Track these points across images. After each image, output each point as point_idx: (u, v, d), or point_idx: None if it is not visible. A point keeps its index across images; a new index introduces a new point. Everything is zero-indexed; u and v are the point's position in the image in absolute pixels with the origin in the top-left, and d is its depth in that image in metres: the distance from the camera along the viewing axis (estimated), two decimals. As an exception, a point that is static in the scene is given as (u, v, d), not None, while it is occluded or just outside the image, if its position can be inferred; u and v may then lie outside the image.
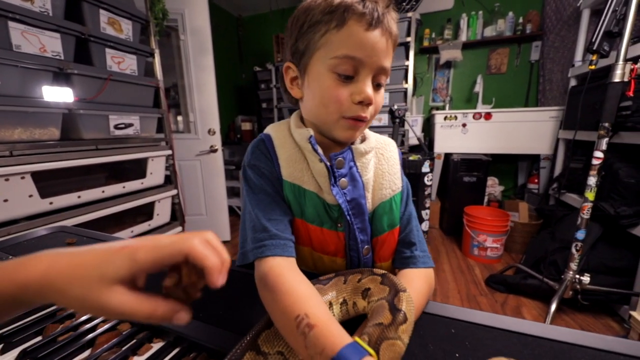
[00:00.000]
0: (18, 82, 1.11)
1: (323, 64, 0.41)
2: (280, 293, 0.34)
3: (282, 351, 0.31)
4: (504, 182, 2.75)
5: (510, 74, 2.65)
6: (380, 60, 0.40)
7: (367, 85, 0.41)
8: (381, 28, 0.39)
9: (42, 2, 1.17)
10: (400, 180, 0.51)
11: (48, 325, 0.44)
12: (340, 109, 0.42)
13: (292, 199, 0.47)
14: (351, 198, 0.46)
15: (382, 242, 0.50)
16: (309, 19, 0.41)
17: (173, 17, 2.01)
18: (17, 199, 1.12)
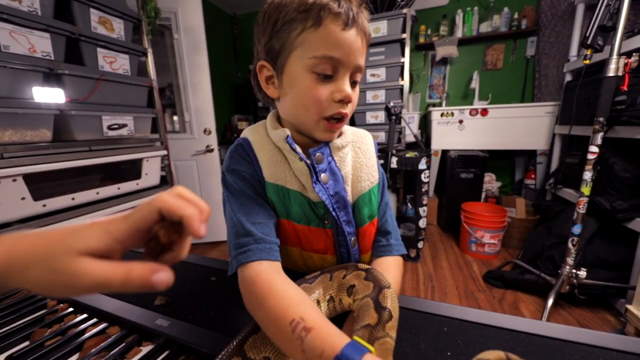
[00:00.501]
0: (7, 83, 1.10)
1: (301, 64, 0.40)
2: (272, 298, 0.33)
3: (269, 357, 0.30)
4: (501, 178, 2.75)
5: (506, 70, 2.65)
6: (356, 59, 0.41)
7: (346, 84, 0.41)
8: (356, 27, 0.40)
9: (31, 1, 1.15)
10: (377, 172, 0.52)
11: (36, 330, 0.43)
12: (320, 109, 0.42)
13: (276, 200, 0.46)
14: (334, 192, 0.47)
15: (363, 233, 0.51)
16: (282, 16, 0.40)
17: (166, 15, 1.99)
18: (9, 202, 1.11)
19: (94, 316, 0.47)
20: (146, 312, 0.45)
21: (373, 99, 2.28)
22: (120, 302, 0.48)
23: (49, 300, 0.51)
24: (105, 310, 0.46)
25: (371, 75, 2.23)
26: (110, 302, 0.48)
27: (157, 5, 1.70)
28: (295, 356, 0.30)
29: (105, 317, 0.46)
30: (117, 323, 0.45)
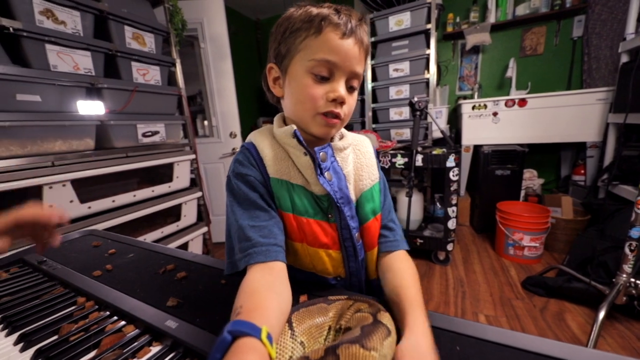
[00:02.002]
0: (56, 99, 1.23)
1: (302, 66, 0.45)
2: (240, 291, 0.37)
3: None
4: (544, 174, 2.50)
5: (548, 55, 2.39)
6: (352, 65, 0.45)
7: (341, 86, 0.45)
8: (354, 37, 0.44)
9: (74, 23, 1.28)
10: (377, 171, 0.56)
11: (64, 325, 0.47)
12: (315, 106, 0.45)
13: (281, 194, 0.48)
14: (338, 188, 0.50)
15: (367, 229, 0.53)
16: (290, 25, 0.46)
17: (193, 26, 2.09)
18: (60, 205, 1.24)
19: (115, 314, 0.50)
20: (158, 313, 0.47)
21: (396, 94, 2.20)
22: (137, 302, 0.51)
23: (79, 297, 0.56)
24: (124, 309, 0.49)
25: (394, 71, 2.15)
26: (129, 301, 0.52)
27: (183, 17, 1.79)
28: None
29: (124, 316, 0.49)
30: (133, 322, 0.48)
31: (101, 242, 0.83)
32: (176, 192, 1.80)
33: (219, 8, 2.13)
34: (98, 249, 0.78)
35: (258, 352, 0.26)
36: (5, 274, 0.69)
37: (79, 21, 1.29)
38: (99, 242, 0.82)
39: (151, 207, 1.62)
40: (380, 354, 0.29)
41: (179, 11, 1.77)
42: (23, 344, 0.44)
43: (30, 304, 0.55)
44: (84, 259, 0.73)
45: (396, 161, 1.86)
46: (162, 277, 0.61)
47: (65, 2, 1.23)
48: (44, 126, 1.19)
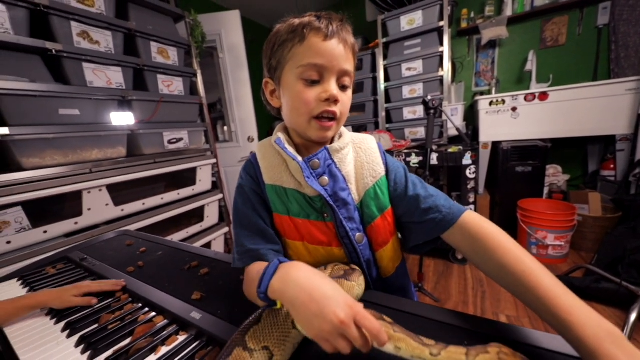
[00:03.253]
0: (93, 112, 1.36)
1: (292, 74, 0.47)
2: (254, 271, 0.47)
3: (268, 346, 0.33)
4: (569, 170, 2.38)
5: (571, 45, 2.28)
6: (340, 64, 0.46)
7: (332, 85, 0.47)
8: (337, 38, 0.46)
9: (107, 42, 1.41)
10: (380, 166, 0.55)
11: (103, 315, 0.54)
12: (309, 109, 0.47)
13: (275, 199, 0.53)
14: (332, 192, 0.51)
15: (376, 228, 0.53)
16: (277, 40, 0.49)
17: (212, 38, 2.20)
18: (97, 208, 1.37)
19: (146, 306, 0.57)
20: (184, 305, 0.53)
21: (410, 93, 2.19)
22: (166, 295, 0.57)
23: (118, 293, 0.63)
24: (154, 301, 0.56)
25: (407, 70, 2.14)
26: (158, 294, 0.58)
27: (203, 30, 1.90)
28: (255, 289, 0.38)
29: (154, 307, 0.55)
30: (162, 313, 0.54)
31: (133, 241, 0.91)
32: (199, 195, 1.91)
33: (236, 20, 2.23)
34: (131, 248, 0.86)
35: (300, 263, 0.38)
36: (53, 269, 0.78)
37: (111, 40, 1.42)
38: (131, 241, 0.91)
39: (177, 209, 1.73)
40: (357, 284, 0.46)
41: (199, 25, 1.88)
42: (69, 331, 0.51)
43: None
44: (118, 256, 0.81)
45: (410, 160, 1.86)
46: (187, 273, 0.67)
47: (99, 23, 1.35)
48: (82, 137, 1.32)
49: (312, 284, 0.33)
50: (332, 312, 0.30)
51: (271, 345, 0.33)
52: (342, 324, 0.29)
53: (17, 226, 1.13)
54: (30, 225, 1.16)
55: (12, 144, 1.12)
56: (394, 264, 0.58)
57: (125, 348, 0.44)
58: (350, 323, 0.30)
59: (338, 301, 0.31)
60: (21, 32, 1.15)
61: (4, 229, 1.10)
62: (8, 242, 1.10)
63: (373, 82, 2.40)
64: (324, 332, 0.30)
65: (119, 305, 0.57)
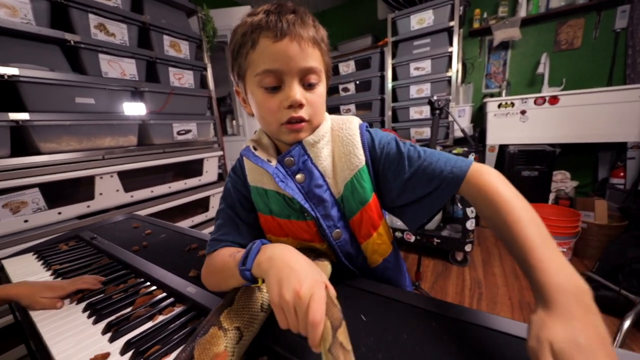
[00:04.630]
0: (107, 101, 1.42)
1: (252, 82, 0.45)
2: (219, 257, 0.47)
3: (239, 326, 0.36)
4: (578, 176, 2.34)
5: (586, 49, 2.23)
6: (298, 64, 0.42)
7: (293, 90, 0.43)
8: (289, 36, 0.41)
9: (122, 35, 1.46)
10: (358, 157, 0.49)
11: (109, 287, 0.59)
12: (275, 118, 0.45)
13: (258, 200, 0.53)
14: (307, 190, 0.49)
15: (359, 221, 0.51)
16: (235, 42, 0.45)
17: (223, 33, 2.24)
18: (108, 193, 1.44)
19: (148, 280, 0.61)
20: (181, 281, 0.57)
21: (417, 93, 2.19)
22: (165, 272, 0.62)
23: (120, 267, 0.68)
24: (155, 277, 0.60)
25: (415, 69, 2.14)
26: (159, 271, 0.62)
27: (214, 25, 1.94)
28: (232, 271, 0.40)
29: (154, 282, 0.60)
30: (161, 287, 0.58)
31: (140, 224, 0.97)
32: (205, 185, 1.97)
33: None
34: (137, 230, 0.92)
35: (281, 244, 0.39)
36: (66, 246, 0.84)
37: (126, 33, 1.48)
38: (138, 224, 0.96)
39: (183, 198, 1.79)
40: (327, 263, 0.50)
41: (211, 19, 1.92)
42: (77, 300, 0.56)
43: (84, 270, 0.68)
44: (125, 237, 0.86)
45: (414, 160, 1.86)
46: (187, 253, 0.72)
47: (115, 16, 1.41)
48: (96, 125, 1.38)
49: (291, 257, 0.35)
50: (296, 282, 0.31)
51: (242, 326, 0.37)
52: (297, 296, 0.30)
53: (34, 206, 1.20)
54: (46, 206, 1.23)
55: (31, 129, 1.19)
56: (381, 256, 0.56)
57: (126, 315, 0.49)
58: (305, 299, 0.29)
59: (306, 275, 0.32)
60: (42, 23, 1.21)
61: (22, 208, 1.17)
62: (25, 220, 1.17)
63: (380, 81, 2.41)
64: (282, 299, 0.31)
65: (123, 279, 0.62)
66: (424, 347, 0.35)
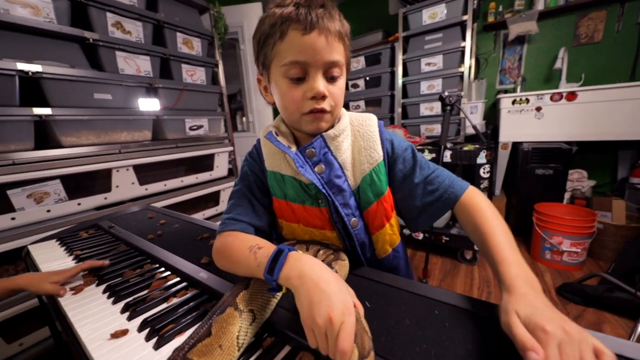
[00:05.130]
0: (123, 97, 1.47)
1: (278, 72, 0.46)
2: (236, 243, 0.47)
3: (253, 309, 0.39)
4: (596, 175, 2.26)
5: (608, 43, 2.14)
6: (324, 57, 0.44)
7: (317, 82, 0.45)
8: (318, 29, 0.43)
9: (137, 32, 1.51)
10: (378, 152, 0.53)
11: (126, 271, 0.62)
12: (298, 108, 0.47)
13: (274, 185, 0.55)
14: (327, 180, 0.52)
15: (373, 212, 0.54)
16: (262, 32, 0.47)
17: (234, 29, 2.28)
18: (124, 186, 1.49)
19: (162, 266, 0.64)
20: (194, 267, 0.60)
21: (428, 89, 2.16)
22: (179, 259, 0.64)
23: (137, 253, 0.71)
24: (169, 262, 0.63)
25: (426, 65, 2.11)
26: (173, 257, 0.65)
27: (226, 22, 1.97)
28: (252, 268, 0.41)
29: (168, 267, 0.63)
30: (175, 272, 0.61)
31: (154, 214, 1.00)
32: (216, 180, 2.01)
33: (258, 12, 2.29)
34: (152, 220, 0.95)
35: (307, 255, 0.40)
36: (86, 234, 0.89)
37: (141, 30, 1.52)
38: (152, 215, 1.00)
39: (195, 192, 1.83)
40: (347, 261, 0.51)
41: (222, 16, 1.95)
42: (97, 282, 0.59)
43: (103, 256, 0.71)
44: (141, 226, 0.90)
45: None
46: (199, 242, 0.74)
47: (131, 14, 1.45)
48: (113, 120, 1.43)
49: (321, 276, 0.35)
50: (327, 307, 0.31)
51: (255, 309, 0.39)
52: (329, 322, 0.30)
53: (56, 197, 1.26)
54: (67, 197, 1.29)
55: (53, 123, 1.25)
56: (390, 246, 0.59)
57: (142, 297, 0.52)
58: (336, 326, 0.30)
59: (337, 300, 0.32)
60: (63, 22, 1.26)
61: (45, 199, 1.23)
62: (48, 210, 1.23)
63: (391, 77, 2.39)
64: (314, 323, 0.31)
65: (139, 264, 0.65)
66: (426, 332, 0.36)
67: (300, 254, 0.39)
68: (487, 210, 0.49)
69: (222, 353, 0.31)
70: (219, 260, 0.50)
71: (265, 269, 0.38)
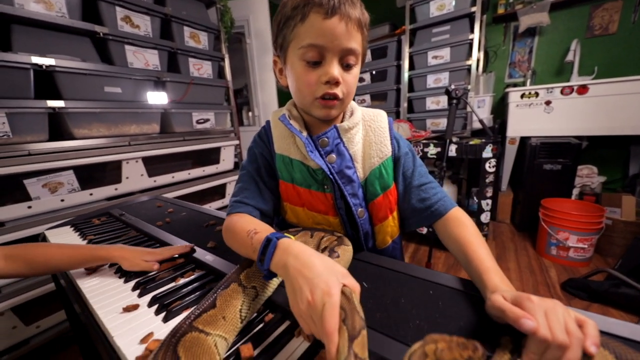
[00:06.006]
0: (132, 90, 1.50)
1: (295, 55, 0.47)
2: (239, 224, 0.49)
3: (255, 286, 0.41)
4: (607, 171, 2.21)
5: (623, 34, 2.08)
6: (342, 43, 0.45)
7: (332, 67, 0.46)
8: (339, 15, 0.43)
9: (145, 27, 1.53)
10: (388, 147, 0.56)
11: (138, 253, 0.65)
12: (311, 91, 0.48)
13: (282, 168, 0.57)
14: (338, 170, 0.53)
15: (378, 205, 0.57)
16: (283, 16, 0.48)
17: (240, 23, 2.29)
18: (134, 177, 1.53)
19: (171, 250, 0.67)
20: (201, 251, 0.62)
21: (435, 83, 2.14)
22: (187, 243, 0.67)
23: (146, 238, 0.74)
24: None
25: (433, 58, 2.09)
26: (180, 242, 0.68)
27: (232, 16, 1.98)
28: (248, 252, 0.43)
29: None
30: (183, 256, 0.63)
31: (162, 203, 1.04)
32: (222, 173, 2.04)
33: (264, 5, 2.29)
34: (160, 208, 0.99)
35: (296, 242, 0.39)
36: (98, 221, 0.92)
37: (149, 24, 1.54)
38: (161, 204, 1.03)
39: (202, 184, 1.87)
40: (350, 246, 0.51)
41: (229, 10, 1.96)
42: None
43: (115, 240, 0.75)
44: (150, 214, 0.93)
45: (428, 151, 1.84)
46: (205, 229, 0.77)
47: (140, 8, 1.48)
48: (123, 113, 1.47)
49: (305, 262, 0.34)
50: (308, 292, 0.31)
51: (258, 286, 0.41)
52: (310, 306, 0.30)
53: (69, 187, 1.31)
54: (80, 187, 1.34)
55: (66, 115, 1.29)
56: (391, 237, 0.61)
57: (151, 276, 0.54)
58: (318, 309, 0.29)
59: (319, 283, 0.31)
60: (75, 16, 1.29)
61: (59, 188, 1.28)
62: (62, 200, 1.28)
63: (397, 70, 2.37)
64: (299, 310, 0.32)
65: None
66: (420, 310, 0.38)
67: (290, 242, 0.38)
68: (471, 226, 0.51)
69: (225, 324, 0.33)
70: (227, 240, 0.52)
71: (257, 258, 0.39)
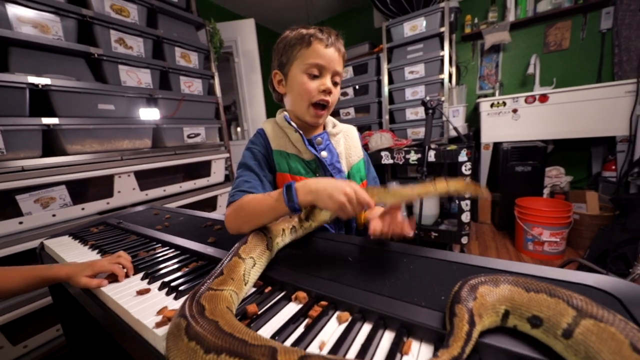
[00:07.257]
0: (125, 107, 1.56)
1: (299, 69, 0.66)
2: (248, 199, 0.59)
3: (253, 256, 0.48)
4: (574, 172, 2.41)
5: (574, 49, 2.33)
6: (334, 66, 0.66)
7: (328, 80, 0.67)
8: (334, 47, 0.65)
9: (138, 47, 1.61)
10: (360, 150, 0.79)
11: (140, 252, 0.70)
12: (309, 97, 0.67)
13: (280, 161, 0.69)
14: (330, 163, 0.72)
15: None
16: (287, 42, 0.68)
17: (228, 44, 2.41)
18: (126, 191, 1.56)
19: (172, 248, 0.72)
20: (202, 246, 0.68)
21: (412, 95, 2.30)
22: (188, 241, 0.72)
23: (147, 240, 0.78)
24: (179, 244, 0.71)
25: (409, 73, 2.26)
26: (182, 241, 0.73)
27: (221, 37, 2.10)
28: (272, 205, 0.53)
29: (178, 248, 0.70)
30: (186, 252, 0.68)
31: (159, 212, 1.08)
32: (213, 186, 2.08)
33: (251, 27, 2.43)
34: (157, 216, 1.03)
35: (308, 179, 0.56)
36: (96, 229, 0.96)
37: (142, 45, 1.63)
38: (157, 212, 1.07)
39: (193, 197, 1.90)
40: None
41: (218, 32, 2.08)
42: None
43: (116, 244, 0.79)
44: (148, 220, 0.97)
45: (410, 157, 1.96)
46: (204, 229, 0.82)
47: (133, 31, 1.56)
48: (116, 129, 1.52)
49: (324, 181, 0.51)
50: (341, 190, 0.48)
51: (255, 257, 0.48)
52: (346, 195, 0.47)
53: (61, 202, 1.32)
54: (72, 202, 1.35)
55: (60, 132, 1.33)
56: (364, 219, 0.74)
57: (159, 268, 0.59)
58: (353, 195, 0.47)
59: (343, 184, 0.49)
60: (70, 39, 1.36)
61: (51, 203, 1.29)
62: (53, 215, 1.29)
63: (377, 85, 2.53)
64: (340, 202, 0.47)
65: (152, 247, 0.73)
66: (396, 274, 0.45)
67: (303, 180, 0.54)
68: None
69: (234, 283, 0.40)
70: (235, 219, 0.59)
71: (285, 200, 0.51)
